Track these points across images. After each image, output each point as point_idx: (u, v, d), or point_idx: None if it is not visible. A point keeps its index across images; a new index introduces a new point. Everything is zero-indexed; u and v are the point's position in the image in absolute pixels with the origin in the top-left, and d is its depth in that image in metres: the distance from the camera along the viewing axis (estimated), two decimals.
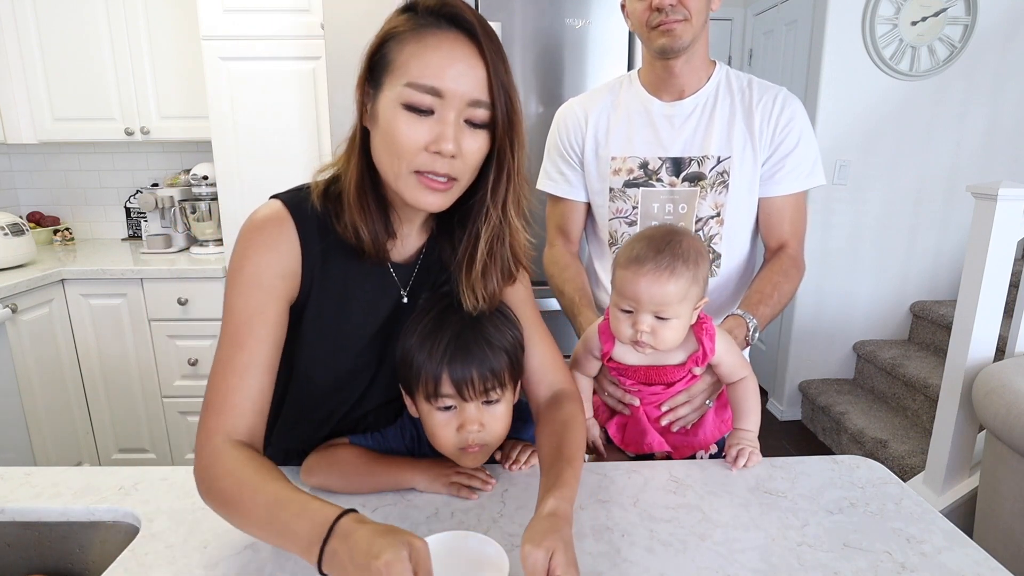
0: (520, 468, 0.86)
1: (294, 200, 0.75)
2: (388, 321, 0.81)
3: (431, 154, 0.66)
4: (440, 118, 0.65)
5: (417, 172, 0.67)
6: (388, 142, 0.67)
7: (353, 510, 0.58)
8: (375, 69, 0.69)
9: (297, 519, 0.58)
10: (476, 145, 0.68)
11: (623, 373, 0.93)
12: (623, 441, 0.97)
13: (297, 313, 0.76)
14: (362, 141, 0.71)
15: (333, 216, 0.74)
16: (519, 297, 0.85)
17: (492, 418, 0.75)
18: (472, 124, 0.67)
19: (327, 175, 0.76)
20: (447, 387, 0.72)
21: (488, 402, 0.74)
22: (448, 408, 0.74)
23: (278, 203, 0.74)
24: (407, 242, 0.81)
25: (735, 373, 0.91)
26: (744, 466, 0.86)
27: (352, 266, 0.76)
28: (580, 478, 0.71)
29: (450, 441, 0.75)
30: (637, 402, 0.93)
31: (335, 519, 0.56)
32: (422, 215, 0.79)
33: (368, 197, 0.72)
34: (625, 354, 0.91)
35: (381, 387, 0.83)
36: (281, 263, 0.72)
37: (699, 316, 0.88)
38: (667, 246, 0.82)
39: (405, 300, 0.81)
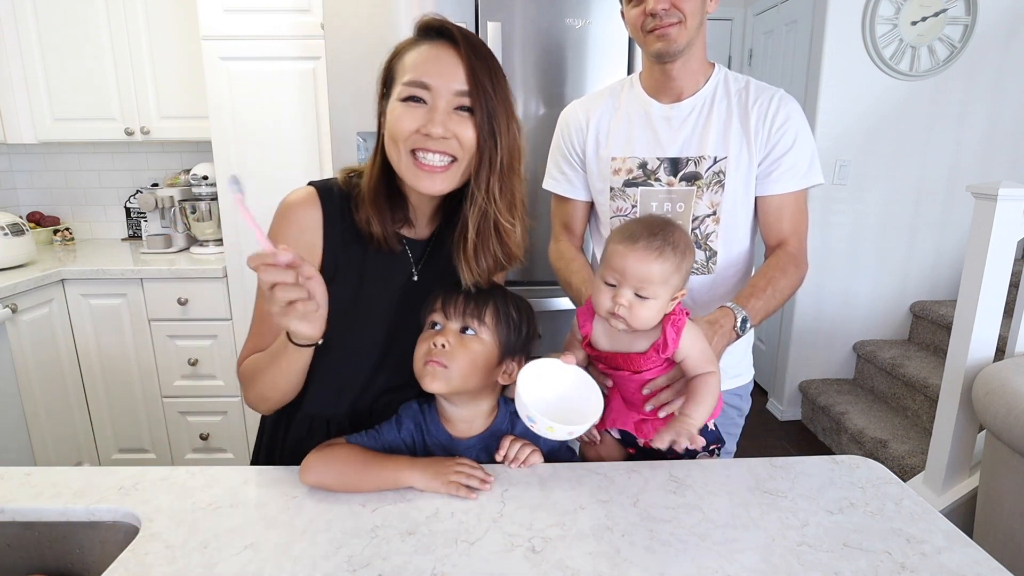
0: (519, 466, 0.86)
1: (324, 185, 0.91)
2: (400, 298, 0.92)
3: (422, 135, 0.80)
4: (431, 107, 0.80)
5: (412, 154, 0.81)
6: (391, 131, 0.82)
7: None
8: (387, 83, 0.85)
9: None
10: (465, 127, 0.81)
11: (596, 358, 0.95)
12: (602, 420, 0.97)
13: None
14: (381, 146, 0.86)
15: (354, 205, 0.88)
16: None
17: (461, 345, 0.84)
18: (461, 111, 0.81)
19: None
20: (437, 304, 0.87)
21: (464, 329, 0.85)
22: (434, 325, 0.87)
23: (310, 187, 0.90)
24: (421, 230, 0.94)
25: (699, 368, 0.90)
26: (674, 447, 0.81)
27: (368, 249, 0.90)
28: None
29: (421, 351, 0.85)
30: (610, 383, 0.95)
31: None
32: (432, 206, 0.92)
33: (382, 193, 0.87)
34: (599, 339, 0.93)
35: (391, 366, 0.92)
36: (303, 237, 0.87)
37: (674, 308, 0.89)
38: (661, 231, 0.87)
39: (416, 278, 0.93)
